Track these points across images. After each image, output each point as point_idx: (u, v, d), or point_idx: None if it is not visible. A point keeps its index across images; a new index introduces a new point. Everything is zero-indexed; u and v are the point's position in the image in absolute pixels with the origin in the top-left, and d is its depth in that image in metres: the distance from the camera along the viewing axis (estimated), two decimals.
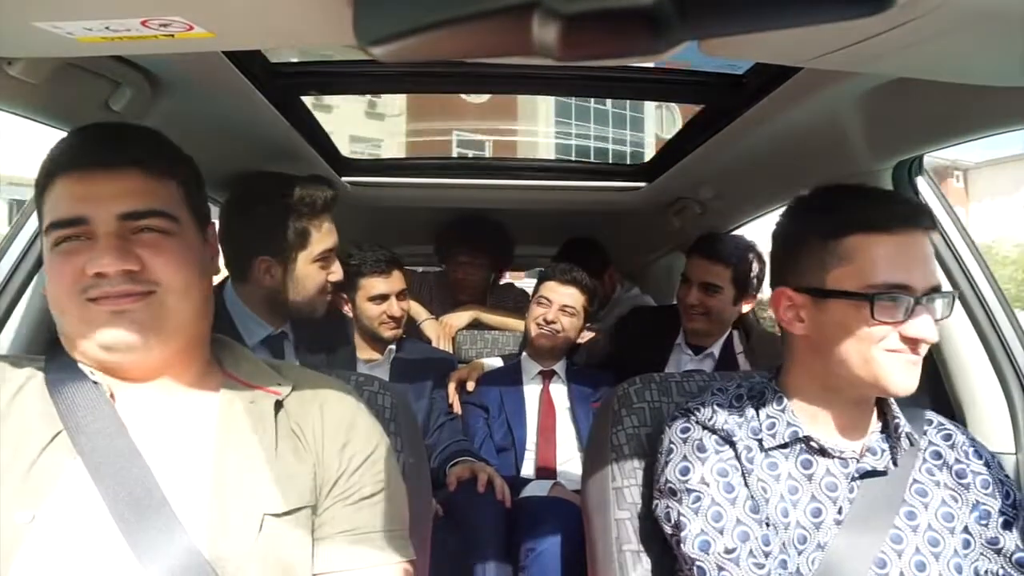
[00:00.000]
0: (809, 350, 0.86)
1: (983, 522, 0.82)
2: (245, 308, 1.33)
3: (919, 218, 0.81)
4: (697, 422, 0.89)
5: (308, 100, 1.43)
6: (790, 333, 0.88)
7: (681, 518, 0.83)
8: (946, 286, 1.19)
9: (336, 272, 1.37)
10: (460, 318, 2.26)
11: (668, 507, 0.86)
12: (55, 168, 0.70)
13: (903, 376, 0.79)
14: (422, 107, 4.08)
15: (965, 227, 1.25)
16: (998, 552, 0.81)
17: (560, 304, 1.82)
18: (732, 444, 0.86)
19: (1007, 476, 0.87)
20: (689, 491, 0.83)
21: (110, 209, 0.68)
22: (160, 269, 0.69)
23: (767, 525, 0.80)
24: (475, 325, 2.28)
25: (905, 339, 0.78)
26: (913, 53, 0.60)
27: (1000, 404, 1.18)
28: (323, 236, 1.34)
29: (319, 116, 1.50)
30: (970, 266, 1.22)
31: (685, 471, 0.85)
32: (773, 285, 0.90)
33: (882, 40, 0.57)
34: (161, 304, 0.69)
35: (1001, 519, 0.82)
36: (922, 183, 1.26)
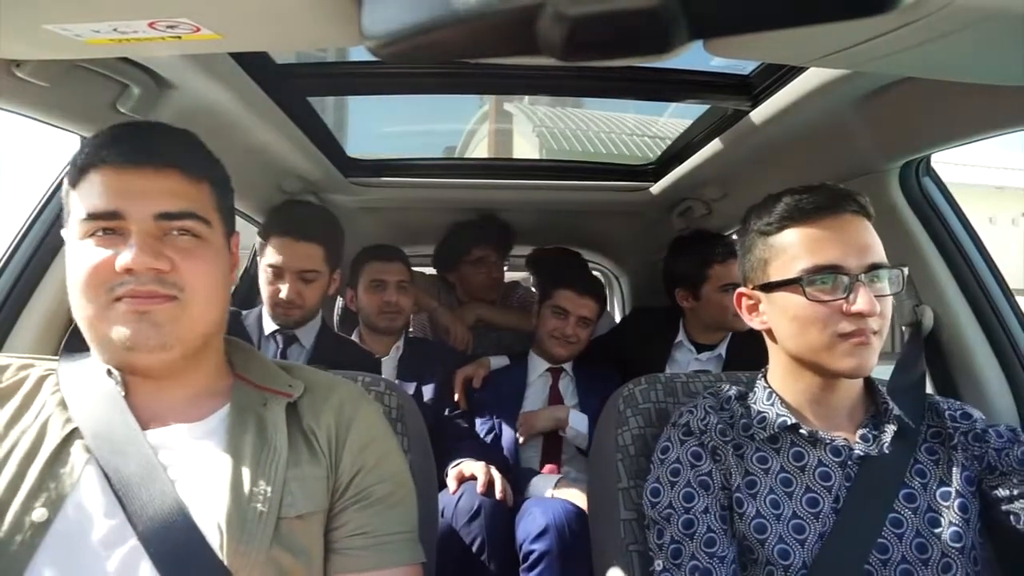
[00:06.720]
0: (773, 343, 0.92)
1: (985, 473, 0.83)
2: None
3: (844, 203, 0.84)
4: (683, 433, 0.92)
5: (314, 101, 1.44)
6: (763, 331, 0.94)
7: (650, 552, 0.89)
8: (945, 281, 1.19)
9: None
10: (468, 316, 2.21)
11: (645, 532, 0.91)
12: (90, 162, 0.69)
13: (848, 358, 0.81)
14: None
15: (972, 226, 1.25)
16: (999, 501, 0.81)
17: (578, 316, 1.82)
18: (714, 451, 0.89)
19: (993, 426, 0.87)
20: (654, 522, 0.88)
21: (147, 207, 0.68)
22: (189, 274, 0.69)
23: (723, 561, 0.82)
24: (481, 324, 2.23)
25: (850, 317, 0.80)
26: (919, 53, 0.60)
27: (1006, 394, 1.17)
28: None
29: None
30: (973, 259, 1.21)
31: (655, 493, 0.89)
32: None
33: (888, 40, 0.57)
34: (184, 310, 0.69)
35: (998, 471, 0.83)
36: (929, 183, 1.25)
